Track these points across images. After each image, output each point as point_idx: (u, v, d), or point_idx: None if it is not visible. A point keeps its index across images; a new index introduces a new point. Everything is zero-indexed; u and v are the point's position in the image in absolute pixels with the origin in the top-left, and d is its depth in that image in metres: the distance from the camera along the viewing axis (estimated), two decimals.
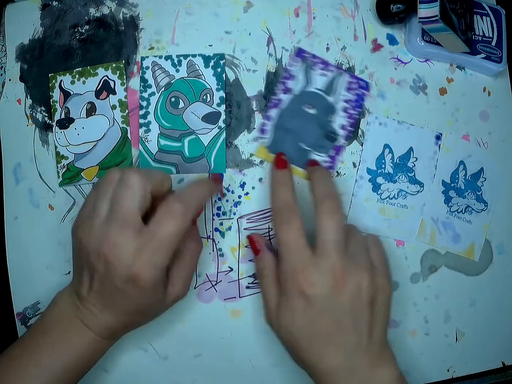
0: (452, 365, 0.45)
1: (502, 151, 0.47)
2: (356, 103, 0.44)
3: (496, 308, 0.46)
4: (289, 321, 0.36)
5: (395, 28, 0.46)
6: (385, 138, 0.45)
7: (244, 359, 0.43)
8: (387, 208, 0.44)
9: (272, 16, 0.45)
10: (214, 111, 0.43)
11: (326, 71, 0.44)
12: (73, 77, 0.44)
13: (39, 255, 0.43)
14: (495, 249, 0.46)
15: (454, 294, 0.45)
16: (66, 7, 0.45)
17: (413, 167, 0.45)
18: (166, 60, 0.44)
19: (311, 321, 0.35)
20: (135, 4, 0.45)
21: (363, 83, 0.44)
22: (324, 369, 0.35)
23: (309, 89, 0.44)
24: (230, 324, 0.43)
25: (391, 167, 0.44)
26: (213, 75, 0.44)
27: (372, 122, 0.44)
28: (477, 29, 0.45)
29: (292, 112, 0.44)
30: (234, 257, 0.43)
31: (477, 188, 0.45)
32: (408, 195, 0.44)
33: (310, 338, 0.35)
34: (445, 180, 0.45)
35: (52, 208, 0.44)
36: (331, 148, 0.44)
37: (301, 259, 0.36)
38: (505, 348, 0.46)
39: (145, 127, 0.43)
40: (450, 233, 0.45)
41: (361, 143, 0.44)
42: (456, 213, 0.45)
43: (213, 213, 0.43)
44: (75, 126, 0.44)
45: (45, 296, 0.43)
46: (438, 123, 0.45)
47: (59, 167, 0.44)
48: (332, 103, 0.44)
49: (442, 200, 0.45)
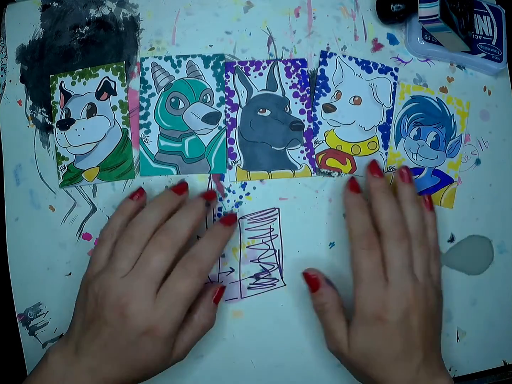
0: (453, 365, 0.45)
1: (503, 150, 0.47)
2: (301, 83, 0.44)
3: (497, 307, 0.46)
4: (366, 344, 0.37)
5: (395, 27, 0.46)
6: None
7: (246, 360, 0.43)
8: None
9: (273, 16, 0.45)
10: (214, 112, 0.43)
11: (260, 69, 0.44)
12: (73, 78, 0.44)
13: (40, 256, 0.43)
14: (496, 248, 0.46)
15: (455, 293, 0.45)
16: (66, 8, 0.45)
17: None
18: (165, 61, 0.44)
19: (387, 342, 0.37)
20: (135, 5, 0.45)
21: (300, 62, 0.44)
22: (390, 383, 0.37)
23: (254, 95, 0.44)
24: (231, 325, 0.43)
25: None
26: (213, 76, 0.44)
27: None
28: (477, 28, 0.45)
29: (249, 124, 0.43)
30: (236, 257, 0.43)
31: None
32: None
33: (384, 357, 0.37)
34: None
35: (53, 209, 0.44)
36: (302, 136, 0.44)
37: (379, 286, 0.37)
38: (507, 347, 0.46)
39: (145, 128, 0.43)
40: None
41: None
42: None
43: (214, 214, 0.43)
44: (76, 127, 0.43)
45: (46, 297, 0.43)
46: None
47: (59, 168, 0.43)
48: (280, 95, 0.44)
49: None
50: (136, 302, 0.35)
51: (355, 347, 0.37)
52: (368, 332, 0.37)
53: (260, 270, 0.43)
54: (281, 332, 0.41)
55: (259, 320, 0.43)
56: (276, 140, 0.43)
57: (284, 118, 0.44)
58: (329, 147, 0.44)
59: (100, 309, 0.35)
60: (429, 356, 0.37)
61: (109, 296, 0.35)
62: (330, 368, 0.41)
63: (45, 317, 0.43)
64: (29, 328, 0.43)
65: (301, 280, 0.42)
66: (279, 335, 0.42)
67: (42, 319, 0.43)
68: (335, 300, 0.39)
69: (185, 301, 0.36)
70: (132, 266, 0.36)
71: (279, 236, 0.43)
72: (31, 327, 0.43)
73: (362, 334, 0.37)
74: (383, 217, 0.38)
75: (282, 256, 0.43)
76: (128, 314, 0.35)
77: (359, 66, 0.45)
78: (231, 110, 0.43)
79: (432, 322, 0.38)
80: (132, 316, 0.34)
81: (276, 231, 0.43)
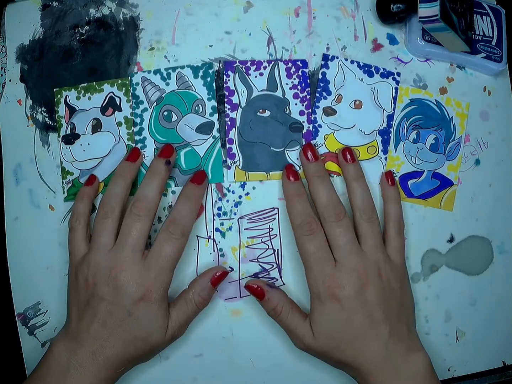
0: (452, 365, 0.45)
1: (502, 150, 0.47)
2: (301, 85, 0.44)
3: (497, 308, 0.46)
4: (328, 327, 0.38)
5: (395, 27, 0.46)
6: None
7: (245, 359, 0.43)
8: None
9: (272, 16, 0.45)
10: (207, 121, 0.43)
11: (261, 69, 0.44)
12: (78, 93, 0.44)
13: (40, 255, 0.43)
14: (495, 249, 0.46)
15: (455, 294, 0.45)
16: (66, 7, 0.45)
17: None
18: (155, 75, 0.43)
19: (347, 320, 0.37)
20: (135, 5, 0.45)
21: (300, 63, 0.44)
22: (362, 362, 0.37)
23: (254, 95, 0.43)
24: (230, 324, 0.43)
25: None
26: (203, 85, 0.43)
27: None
28: (477, 28, 0.45)
29: (248, 125, 0.43)
30: (235, 257, 0.43)
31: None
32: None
33: (348, 336, 0.38)
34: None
35: (53, 209, 0.44)
36: (302, 138, 0.43)
37: (327, 266, 0.38)
38: (506, 348, 0.46)
39: (141, 144, 0.43)
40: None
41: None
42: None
43: (214, 213, 0.43)
44: (81, 142, 0.43)
45: (45, 297, 0.43)
46: None
47: (64, 182, 0.43)
48: (281, 96, 0.44)
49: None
50: (126, 271, 0.37)
51: (319, 332, 0.38)
52: (327, 314, 0.38)
53: (259, 270, 0.43)
54: (280, 330, 0.41)
55: (258, 319, 0.43)
56: (275, 141, 0.43)
57: (284, 119, 0.44)
58: (328, 151, 0.44)
59: (93, 287, 0.37)
60: (397, 331, 0.38)
61: (99, 272, 0.37)
62: (329, 367, 0.40)
63: (44, 316, 0.43)
64: (29, 327, 0.43)
65: (300, 280, 0.42)
66: (278, 334, 0.42)
67: (42, 318, 0.43)
68: (284, 301, 0.40)
69: (172, 261, 0.38)
70: (113, 239, 0.38)
71: (278, 236, 0.43)
72: (31, 326, 0.43)
73: (322, 317, 0.38)
74: (320, 201, 0.40)
75: (281, 256, 0.43)
76: (121, 284, 0.37)
77: (361, 70, 0.45)
78: (231, 110, 0.43)
79: (393, 296, 0.39)
80: (126, 284, 0.37)
81: (276, 231, 0.43)
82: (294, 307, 0.40)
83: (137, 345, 0.37)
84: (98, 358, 0.36)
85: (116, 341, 0.37)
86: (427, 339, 0.44)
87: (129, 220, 0.38)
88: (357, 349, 0.37)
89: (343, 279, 0.38)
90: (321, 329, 0.38)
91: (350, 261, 0.38)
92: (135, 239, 0.38)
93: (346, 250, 0.38)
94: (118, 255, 0.37)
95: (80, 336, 0.37)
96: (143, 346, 0.38)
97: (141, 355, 0.38)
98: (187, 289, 0.40)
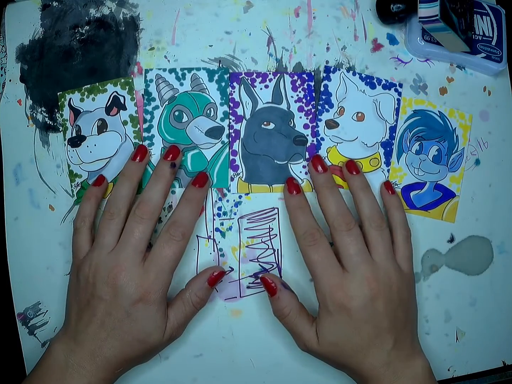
0: (452, 365, 0.45)
1: (502, 150, 0.47)
2: (307, 98, 0.44)
3: (497, 308, 0.46)
4: (335, 334, 0.38)
5: (395, 27, 0.46)
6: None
7: (245, 359, 0.43)
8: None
9: (272, 16, 0.45)
10: (218, 126, 0.43)
11: (266, 82, 0.44)
12: (82, 95, 0.43)
13: (40, 255, 0.43)
14: (495, 249, 0.46)
15: (455, 294, 0.45)
16: (66, 7, 0.45)
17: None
18: (170, 73, 0.43)
19: (354, 330, 0.37)
20: (135, 5, 0.45)
21: (306, 76, 0.44)
22: (364, 368, 0.38)
23: (259, 107, 0.43)
24: (230, 324, 0.43)
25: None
26: (217, 89, 0.43)
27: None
28: (477, 28, 0.45)
29: (253, 137, 0.43)
30: (235, 257, 0.43)
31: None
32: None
33: (353, 345, 0.38)
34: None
35: (53, 209, 0.44)
36: (305, 151, 0.43)
37: (336, 275, 0.38)
38: (506, 348, 0.46)
39: (149, 141, 0.43)
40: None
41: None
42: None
43: (214, 213, 0.43)
44: (87, 144, 0.43)
45: (45, 297, 0.43)
46: None
47: (73, 185, 0.43)
48: (285, 109, 0.43)
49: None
50: (126, 272, 0.37)
51: (324, 340, 0.38)
52: (334, 323, 0.38)
53: (259, 270, 0.43)
54: (280, 330, 0.41)
55: (258, 319, 0.43)
56: (279, 154, 0.43)
57: (288, 132, 0.43)
58: (331, 164, 0.44)
59: (93, 287, 0.37)
60: (401, 339, 0.38)
61: (99, 272, 0.37)
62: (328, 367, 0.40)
63: (44, 316, 0.43)
64: (29, 327, 0.43)
65: (300, 280, 0.42)
66: (278, 334, 0.42)
67: (42, 318, 0.43)
68: (293, 304, 0.40)
69: (172, 263, 0.38)
70: (116, 240, 0.38)
71: (278, 236, 0.43)
72: (31, 326, 0.43)
73: (329, 325, 0.38)
74: (329, 211, 0.40)
75: (281, 256, 0.43)
76: (120, 285, 0.37)
77: (363, 82, 0.44)
78: (235, 121, 0.43)
79: (401, 305, 0.38)
80: (125, 285, 0.37)
81: (275, 230, 0.43)
82: (302, 311, 0.40)
83: (135, 346, 0.37)
84: (96, 359, 0.36)
85: (114, 341, 0.37)
86: (427, 339, 0.44)
87: (133, 222, 0.38)
88: (361, 356, 0.37)
89: (352, 288, 0.37)
90: (327, 337, 0.38)
91: (361, 270, 0.38)
92: (137, 240, 0.38)
93: (357, 259, 0.38)
94: (118, 256, 0.37)
95: (78, 336, 0.37)
96: (141, 347, 0.38)
97: (139, 355, 0.38)
98: (184, 289, 0.40)
